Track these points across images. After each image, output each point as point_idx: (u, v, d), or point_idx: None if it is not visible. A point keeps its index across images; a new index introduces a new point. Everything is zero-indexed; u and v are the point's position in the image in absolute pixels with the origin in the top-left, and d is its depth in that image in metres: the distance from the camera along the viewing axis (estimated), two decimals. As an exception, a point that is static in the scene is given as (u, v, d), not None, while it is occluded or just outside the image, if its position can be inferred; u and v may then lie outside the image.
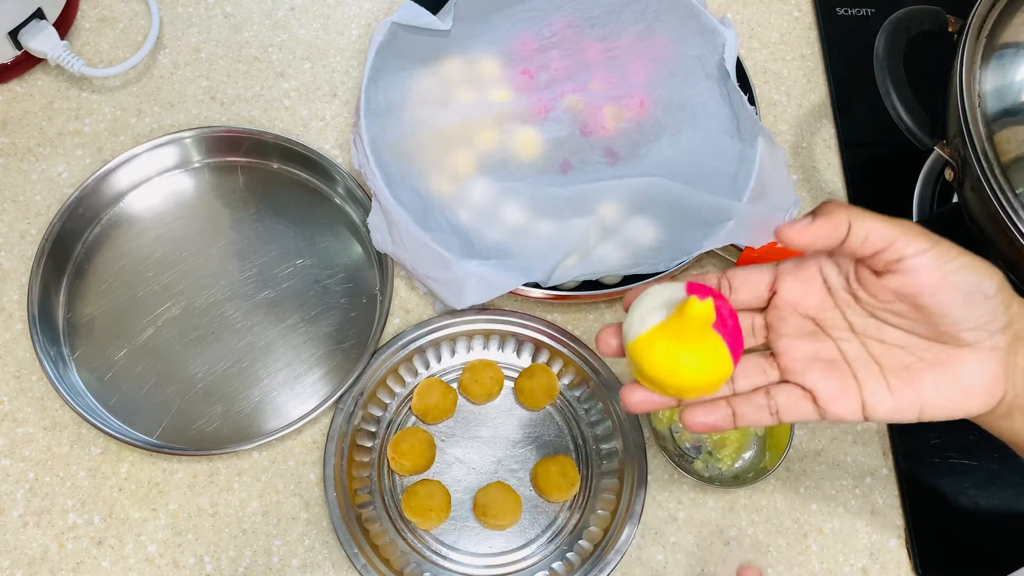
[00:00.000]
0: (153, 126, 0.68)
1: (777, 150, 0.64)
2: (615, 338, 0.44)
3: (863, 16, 0.77)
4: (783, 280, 0.44)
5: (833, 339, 0.43)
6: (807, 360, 0.43)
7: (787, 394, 0.43)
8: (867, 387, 0.42)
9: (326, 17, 0.74)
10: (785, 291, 0.43)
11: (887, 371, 0.42)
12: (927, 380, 0.41)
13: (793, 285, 0.43)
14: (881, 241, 0.39)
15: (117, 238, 0.65)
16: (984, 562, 0.59)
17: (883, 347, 0.42)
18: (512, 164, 0.65)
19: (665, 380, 0.41)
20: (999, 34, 0.58)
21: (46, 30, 0.67)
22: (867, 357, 0.42)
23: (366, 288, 0.64)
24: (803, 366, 0.43)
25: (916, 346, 0.42)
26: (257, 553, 0.57)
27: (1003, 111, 0.56)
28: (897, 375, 0.42)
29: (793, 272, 0.43)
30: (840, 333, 0.43)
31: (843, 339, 0.43)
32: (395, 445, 0.58)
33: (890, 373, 0.42)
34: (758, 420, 0.43)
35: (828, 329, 0.43)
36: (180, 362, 0.61)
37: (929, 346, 0.41)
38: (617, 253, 0.62)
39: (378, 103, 0.65)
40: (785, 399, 0.43)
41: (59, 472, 0.58)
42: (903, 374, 0.42)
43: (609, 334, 0.44)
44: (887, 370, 0.42)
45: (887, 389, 0.42)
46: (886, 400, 0.41)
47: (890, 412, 0.42)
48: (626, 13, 0.69)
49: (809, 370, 0.42)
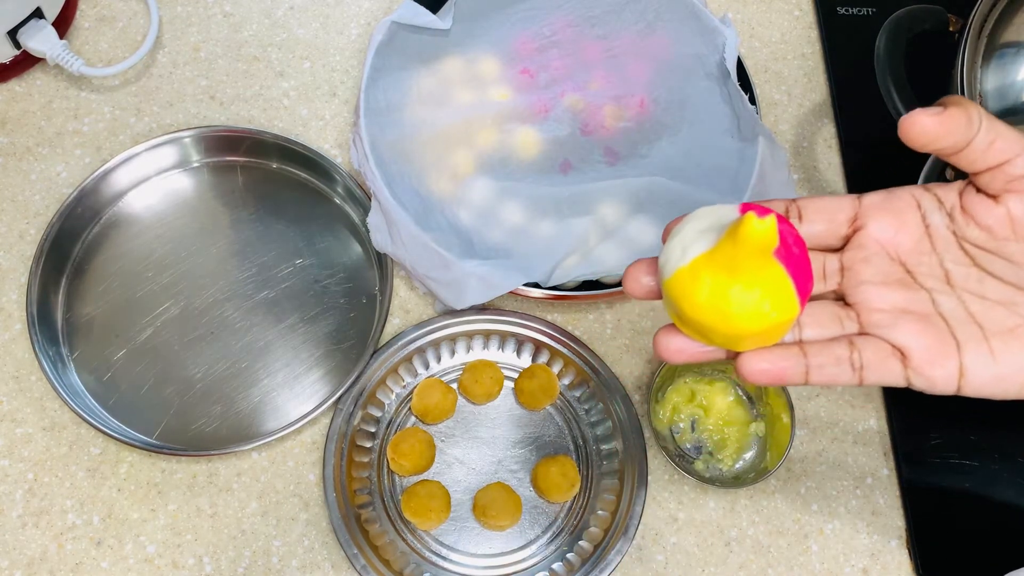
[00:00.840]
0: (152, 125, 0.68)
1: (778, 149, 0.64)
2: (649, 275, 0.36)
3: (864, 15, 0.77)
4: (871, 214, 0.36)
5: (927, 289, 0.36)
6: (895, 312, 0.35)
7: (875, 348, 0.35)
8: (968, 350, 0.34)
9: (325, 16, 0.74)
10: (875, 227, 0.36)
11: (989, 333, 0.35)
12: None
13: (885, 220, 0.36)
14: (1009, 150, 0.33)
15: (116, 238, 0.64)
16: (985, 563, 0.59)
17: (984, 304, 0.35)
18: (512, 164, 0.64)
19: (713, 324, 0.33)
20: (1000, 34, 0.58)
21: (45, 29, 0.66)
22: (965, 315, 0.35)
23: (366, 288, 0.64)
24: (891, 319, 0.35)
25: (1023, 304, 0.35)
26: (256, 554, 0.57)
27: (1004, 111, 0.56)
28: (1000, 339, 0.35)
29: (885, 205, 0.36)
30: (935, 284, 0.36)
31: (938, 291, 0.36)
32: (395, 445, 0.58)
33: (992, 336, 0.35)
34: (835, 376, 0.35)
35: (920, 278, 0.36)
36: (179, 362, 0.61)
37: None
38: (617, 253, 0.62)
39: (378, 102, 0.65)
40: (872, 354, 0.35)
41: (58, 472, 0.58)
42: (1007, 338, 0.35)
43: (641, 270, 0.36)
44: (989, 332, 0.35)
45: (990, 353, 0.34)
46: (989, 366, 0.34)
47: (991, 381, 0.34)
48: (626, 12, 0.69)
49: (899, 323, 0.35)
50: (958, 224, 0.36)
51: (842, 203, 0.37)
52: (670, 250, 0.34)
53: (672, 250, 0.34)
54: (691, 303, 0.33)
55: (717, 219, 0.33)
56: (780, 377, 0.35)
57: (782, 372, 0.34)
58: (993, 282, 0.35)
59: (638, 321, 0.65)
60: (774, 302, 0.32)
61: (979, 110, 0.33)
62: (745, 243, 0.31)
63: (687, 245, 0.33)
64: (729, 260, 0.32)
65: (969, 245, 0.36)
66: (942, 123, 0.33)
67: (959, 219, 0.36)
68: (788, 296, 0.32)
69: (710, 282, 0.32)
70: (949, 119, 0.33)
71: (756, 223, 0.30)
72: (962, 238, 0.36)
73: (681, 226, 0.34)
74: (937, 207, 0.36)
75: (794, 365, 0.34)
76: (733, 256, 0.31)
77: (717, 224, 0.33)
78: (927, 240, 0.36)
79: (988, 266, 0.35)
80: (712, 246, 0.32)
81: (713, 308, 0.32)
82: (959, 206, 0.36)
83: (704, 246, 0.32)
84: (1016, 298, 0.35)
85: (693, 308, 0.33)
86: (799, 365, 0.35)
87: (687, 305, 0.33)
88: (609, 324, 0.65)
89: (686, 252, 0.33)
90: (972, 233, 0.35)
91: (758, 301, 0.32)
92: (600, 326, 0.65)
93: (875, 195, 0.37)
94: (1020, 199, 0.34)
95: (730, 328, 0.33)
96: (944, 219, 0.36)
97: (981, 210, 0.35)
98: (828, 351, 0.35)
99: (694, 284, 0.32)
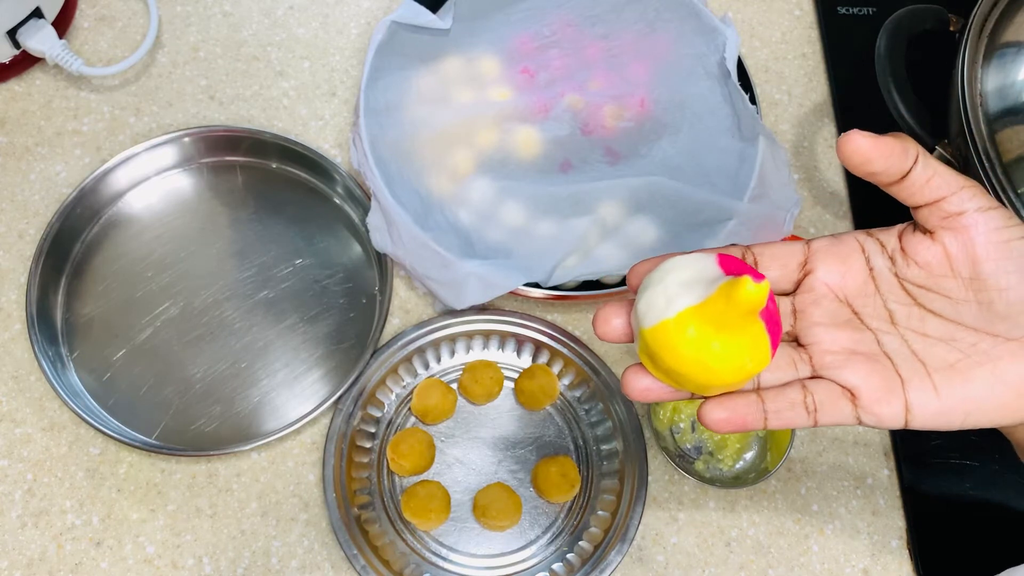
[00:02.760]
0: (152, 125, 0.68)
1: (778, 149, 0.64)
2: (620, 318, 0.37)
3: (864, 15, 0.77)
4: (819, 258, 0.38)
5: (871, 330, 0.38)
6: (844, 353, 0.37)
7: (826, 390, 0.37)
8: (912, 387, 0.36)
9: (325, 16, 0.74)
10: (822, 271, 0.38)
11: (932, 369, 0.36)
12: (976, 380, 0.36)
13: (831, 264, 0.38)
14: (945, 187, 0.35)
15: (116, 238, 0.64)
16: (985, 563, 0.59)
17: (926, 341, 0.37)
18: (512, 163, 0.64)
19: (692, 374, 0.34)
20: (1001, 33, 0.58)
21: (44, 29, 0.66)
22: (908, 352, 0.37)
23: (365, 288, 0.64)
24: (842, 360, 0.37)
25: (963, 340, 0.36)
26: (256, 554, 0.57)
27: (1005, 110, 0.56)
28: (942, 374, 0.36)
29: (831, 250, 0.38)
30: (879, 324, 0.37)
31: (882, 331, 0.37)
32: (395, 446, 0.58)
33: (935, 372, 0.36)
34: (791, 420, 0.37)
35: (866, 318, 0.38)
36: (179, 362, 0.61)
37: (977, 339, 0.36)
38: (617, 253, 0.62)
39: (377, 102, 0.64)
40: (824, 396, 0.37)
41: (57, 473, 0.58)
42: (949, 373, 0.36)
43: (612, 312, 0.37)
44: (932, 368, 0.36)
45: (933, 389, 0.36)
46: (932, 402, 0.36)
47: (935, 416, 0.36)
48: (626, 12, 0.69)
49: (848, 364, 0.37)
50: (899, 266, 0.37)
51: (793, 249, 0.39)
52: (652, 299, 0.35)
53: (654, 299, 0.34)
54: (674, 354, 0.34)
55: (699, 272, 0.34)
56: (741, 425, 0.36)
57: (743, 419, 0.36)
58: (934, 320, 0.37)
59: (638, 321, 0.65)
60: (752, 357, 0.34)
61: (917, 147, 0.35)
62: (738, 304, 0.32)
63: (671, 297, 0.34)
64: (718, 317, 0.33)
65: (910, 284, 0.37)
66: (875, 146, 0.34)
67: (900, 261, 0.37)
68: (764, 350, 0.34)
69: (696, 335, 0.33)
70: (883, 144, 0.34)
71: (751, 287, 0.32)
72: (903, 279, 0.38)
73: (660, 276, 0.35)
74: (880, 251, 0.38)
75: (754, 412, 0.36)
76: (723, 313, 0.33)
77: (701, 278, 0.34)
78: (871, 282, 0.38)
79: (929, 304, 0.37)
80: (699, 301, 0.33)
81: (695, 360, 0.34)
82: (899, 248, 0.38)
83: (691, 300, 0.34)
84: (956, 334, 0.37)
85: (675, 359, 0.34)
86: (758, 412, 0.36)
87: (669, 355, 0.34)
88: (609, 324, 0.65)
89: (671, 304, 0.34)
90: (912, 272, 0.37)
91: (740, 356, 0.34)
92: (600, 326, 0.64)
93: (823, 240, 0.39)
94: (954, 236, 0.36)
95: (708, 379, 0.34)
96: (886, 262, 0.38)
97: (920, 249, 0.37)
98: (784, 396, 0.37)
99: (679, 336, 0.34)
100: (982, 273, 0.36)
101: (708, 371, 0.34)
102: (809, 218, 0.69)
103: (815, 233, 0.69)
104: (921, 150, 0.35)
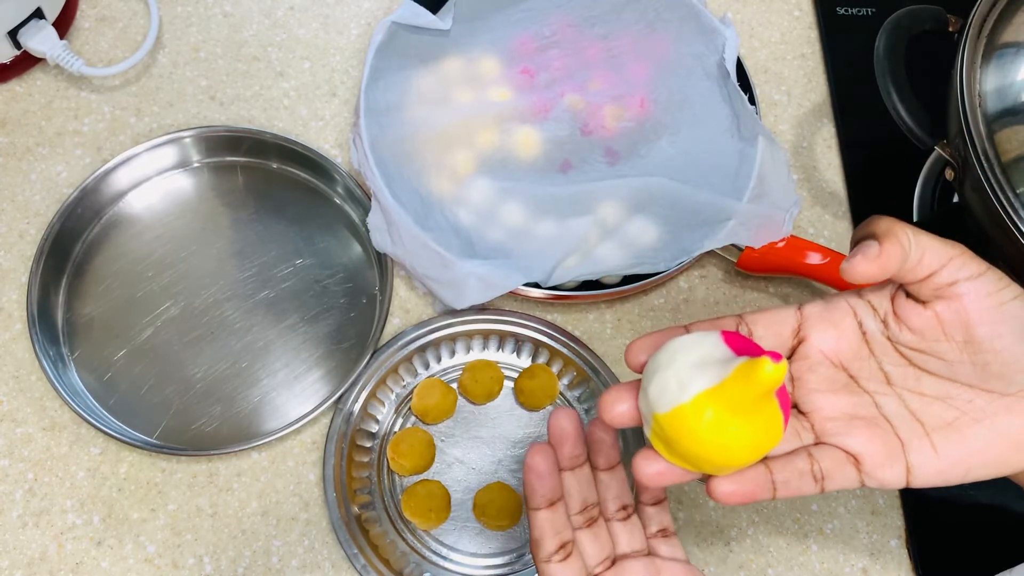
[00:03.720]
0: (152, 126, 0.68)
1: (777, 150, 0.64)
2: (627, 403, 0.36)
3: (863, 16, 0.77)
4: (813, 325, 0.38)
5: (869, 393, 0.38)
6: (845, 418, 0.38)
7: (831, 458, 0.37)
8: (912, 448, 0.37)
9: (325, 16, 0.74)
10: (817, 338, 0.38)
11: (930, 429, 0.37)
12: (974, 437, 0.37)
13: (825, 331, 0.38)
14: (936, 262, 0.35)
15: (116, 238, 0.64)
16: (985, 563, 0.59)
17: (922, 401, 0.37)
18: (512, 164, 0.64)
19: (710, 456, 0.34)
20: (1000, 33, 0.58)
21: (45, 29, 0.66)
22: (906, 413, 0.37)
23: (366, 288, 0.64)
24: (844, 426, 0.37)
25: (958, 397, 0.37)
26: (256, 554, 0.57)
27: (1004, 110, 0.56)
28: (941, 433, 0.37)
29: (824, 315, 0.38)
30: (876, 386, 0.38)
31: (879, 393, 0.38)
32: (395, 445, 0.58)
33: (933, 431, 0.37)
34: (799, 489, 0.37)
35: (862, 381, 0.38)
36: (179, 362, 0.61)
37: (972, 396, 0.37)
38: (617, 253, 0.62)
39: (378, 103, 0.65)
40: (830, 464, 0.37)
41: (58, 472, 0.58)
42: (947, 431, 0.37)
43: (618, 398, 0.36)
44: (930, 428, 0.37)
45: (932, 449, 0.37)
46: (932, 462, 0.37)
47: (936, 475, 0.37)
48: (626, 12, 0.69)
49: (851, 431, 0.37)
50: (892, 330, 0.38)
51: (786, 315, 0.39)
52: (664, 383, 0.34)
53: (666, 384, 0.34)
54: (692, 438, 0.34)
55: (708, 352, 0.34)
56: (751, 497, 0.36)
57: (753, 492, 0.36)
58: (929, 379, 0.38)
59: (638, 321, 0.65)
60: (769, 436, 0.34)
61: (908, 233, 0.35)
62: (758, 385, 0.32)
63: (684, 380, 0.34)
64: (736, 399, 0.33)
65: (904, 348, 0.38)
66: (881, 264, 0.35)
67: (892, 325, 0.38)
68: (778, 427, 0.34)
69: (714, 419, 0.33)
70: (887, 259, 0.35)
71: (770, 368, 0.31)
72: (896, 342, 0.38)
73: (668, 358, 0.35)
74: (872, 315, 0.38)
75: (763, 484, 0.36)
76: (743, 396, 0.33)
77: (711, 359, 0.34)
78: (865, 346, 0.38)
79: (923, 365, 0.38)
80: (715, 383, 0.33)
81: (714, 443, 0.33)
82: (891, 312, 0.38)
83: (705, 382, 0.33)
84: (952, 391, 0.37)
85: (694, 443, 0.34)
86: (767, 483, 0.36)
87: (687, 439, 0.34)
88: (609, 324, 0.65)
89: (685, 388, 0.34)
90: (905, 337, 0.37)
91: (758, 437, 0.34)
92: (600, 326, 0.65)
93: (814, 305, 0.39)
94: (946, 304, 0.36)
95: (726, 461, 0.34)
96: (879, 325, 0.38)
97: (912, 315, 0.37)
98: (791, 467, 0.37)
99: (697, 421, 0.33)
100: (976, 337, 0.36)
101: (727, 453, 0.34)
102: (808, 218, 0.69)
103: (814, 233, 0.69)
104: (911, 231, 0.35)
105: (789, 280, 0.67)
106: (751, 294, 0.66)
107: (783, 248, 0.63)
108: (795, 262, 0.63)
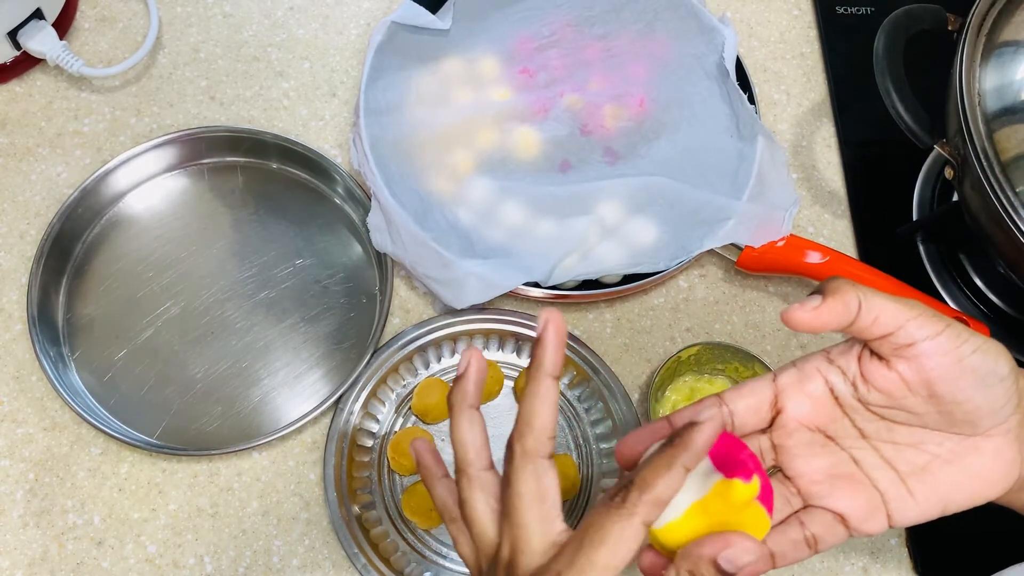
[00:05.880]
0: (152, 126, 0.68)
1: (777, 149, 0.64)
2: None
3: (863, 15, 0.77)
4: (788, 396, 0.41)
5: (846, 450, 0.41)
6: (828, 480, 0.40)
7: (820, 521, 0.40)
8: (889, 497, 0.40)
9: (325, 17, 0.74)
10: (792, 407, 0.41)
11: (905, 475, 0.40)
12: (947, 478, 0.39)
13: (800, 401, 0.41)
14: (892, 323, 0.37)
15: (116, 238, 0.65)
16: (984, 562, 0.59)
17: (896, 449, 0.40)
18: (512, 163, 0.65)
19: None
20: (999, 32, 0.58)
21: (45, 30, 0.66)
22: (882, 463, 0.40)
23: (366, 288, 0.64)
24: (827, 488, 0.40)
25: (929, 442, 0.40)
26: (257, 553, 0.57)
27: (1003, 109, 0.56)
28: (915, 477, 0.40)
29: (797, 386, 0.41)
30: (852, 442, 0.41)
31: (855, 448, 0.41)
32: (395, 445, 0.58)
33: (908, 477, 0.40)
34: (796, 557, 0.40)
35: (839, 440, 0.41)
36: (180, 362, 0.61)
37: (942, 439, 0.39)
38: (617, 252, 0.62)
39: (377, 103, 0.65)
40: (820, 527, 0.40)
41: (59, 472, 0.58)
42: (921, 475, 0.40)
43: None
44: (904, 474, 0.40)
45: (909, 495, 0.39)
46: (911, 508, 0.39)
47: (915, 517, 0.40)
48: (625, 12, 0.69)
49: (834, 492, 0.40)
50: (860, 391, 0.40)
51: (761, 388, 0.41)
52: None
53: None
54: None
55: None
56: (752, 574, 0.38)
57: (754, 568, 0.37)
58: (901, 428, 0.40)
59: (638, 321, 0.65)
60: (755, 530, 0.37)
61: (858, 294, 0.37)
62: (735, 502, 0.36)
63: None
64: (721, 512, 0.36)
65: (874, 407, 0.40)
66: (818, 316, 0.37)
67: (860, 387, 0.40)
68: (764, 522, 0.37)
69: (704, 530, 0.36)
70: (826, 312, 0.37)
71: (745, 488, 0.35)
72: (866, 403, 0.40)
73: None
74: (842, 378, 0.40)
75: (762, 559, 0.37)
76: (725, 510, 0.36)
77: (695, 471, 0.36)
78: (838, 408, 0.41)
79: (894, 417, 0.40)
80: (699, 496, 0.37)
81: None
82: (859, 374, 0.40)
83: (691, 495, 0.37)
84: (922, 437, 0.40)
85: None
86: (765, 555, 0.39)
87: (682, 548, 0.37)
88: (609, 324, 0.65)
89: (674, 505, 0.36)
90: (874, 397, 0.39)
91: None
92: (600, 326, 0.65)
93: (787, 375, 0.41)
94: (907, 364, 0.38)
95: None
96: (849, 388, 0.40)
97: (878, 376, 0.39)
98: (785, 537, 0.40)
99: (690, 533, 0.36)
100: (938, 392, 0.38)
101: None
102: (808, 217, 0.69)
103: (814, 232, 0.69)
104: (861, 290, 0.37)
105: (788, 279, 0.67)
106: (750, 293, 0.66)
107: (782, 247, 0.63)
108: (794, 261, 0.63)
